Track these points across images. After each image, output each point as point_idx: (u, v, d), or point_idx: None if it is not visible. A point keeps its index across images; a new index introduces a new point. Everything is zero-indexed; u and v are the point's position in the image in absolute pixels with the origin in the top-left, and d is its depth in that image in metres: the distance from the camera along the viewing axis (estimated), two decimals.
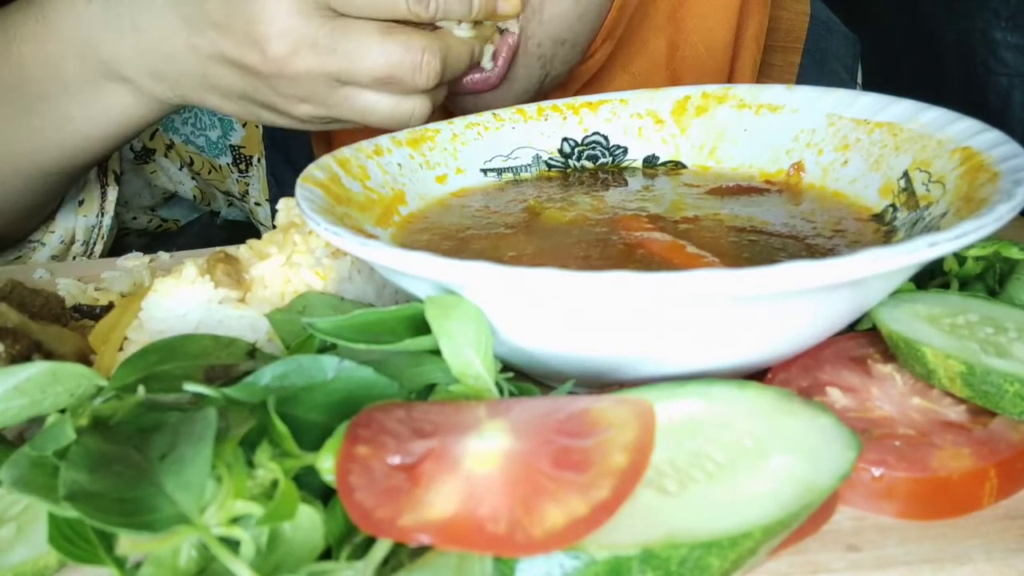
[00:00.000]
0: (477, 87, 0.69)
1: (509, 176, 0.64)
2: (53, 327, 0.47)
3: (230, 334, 0.45)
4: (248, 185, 0.97)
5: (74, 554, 0.32)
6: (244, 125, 0.93)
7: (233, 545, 0.31)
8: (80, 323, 0.55)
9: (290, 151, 0.92)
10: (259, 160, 0.95)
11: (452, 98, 0.73)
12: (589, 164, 0.65)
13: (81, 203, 0.86)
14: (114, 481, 0.32)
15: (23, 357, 0.42)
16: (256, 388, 0.36)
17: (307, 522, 0.32)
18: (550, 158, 0.65)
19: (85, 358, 0.48)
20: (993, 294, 0.48)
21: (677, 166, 0.63)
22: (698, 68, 0.87)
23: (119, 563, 0.32)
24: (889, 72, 1.44)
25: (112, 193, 0.87)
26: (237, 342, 0.43)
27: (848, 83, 0.98)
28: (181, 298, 0.47)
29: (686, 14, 0.86)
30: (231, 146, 0.94)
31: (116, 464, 0.33)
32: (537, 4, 0.69)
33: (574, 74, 0.82)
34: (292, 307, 0.47)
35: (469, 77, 0.68)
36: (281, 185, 0.93)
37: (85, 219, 0.86)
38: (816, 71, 0.94)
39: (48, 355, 0.45)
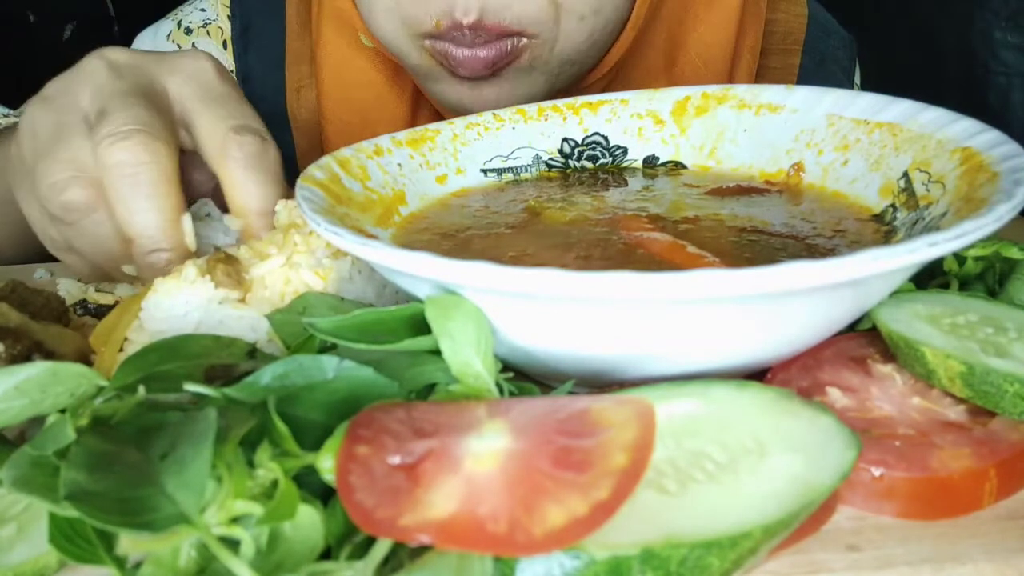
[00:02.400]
0: None
1: (509, 176, 0.64)
2: (54, 327, 0.47)
3: (230, 334, 0.45)
4: None
5: (74, 554, 0.32)
6: None
7: (233, 545, 0.31)
8: (82, 320, 0.55)
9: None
10: None
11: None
12: (589, 164, 0.65)
13: None
14: (114, 481, 0.32)
15: (23, 357, 0.42)
16: (256, 388, 0.36)
17: (307, 522, 0.32)
18: (550, 158, 0.65)
19: (86, 358, 0.48)
20: (993, 294, 0.48)
21: (677, 166, 0.64)
22: (696, 80, 0.88)
23: (119, 563, 0.32)
24: (889, 72, 1.44)
25: None
26: (237, 342, 0.43)
27: (845, 85, 0.98)
28: (181, 298, 0.47)
29: (686, 33, 0.87)
30: None
31: (116, 464, 0.33)
32: (550, 38, 0.72)
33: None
34: (292, 307, 0.47)
35: None
36: None
37: None
38: (814, 73, 0.94)
39: (48, 355, 0.45)
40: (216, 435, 0.32)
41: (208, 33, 0.92)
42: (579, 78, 0.81)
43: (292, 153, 0.91)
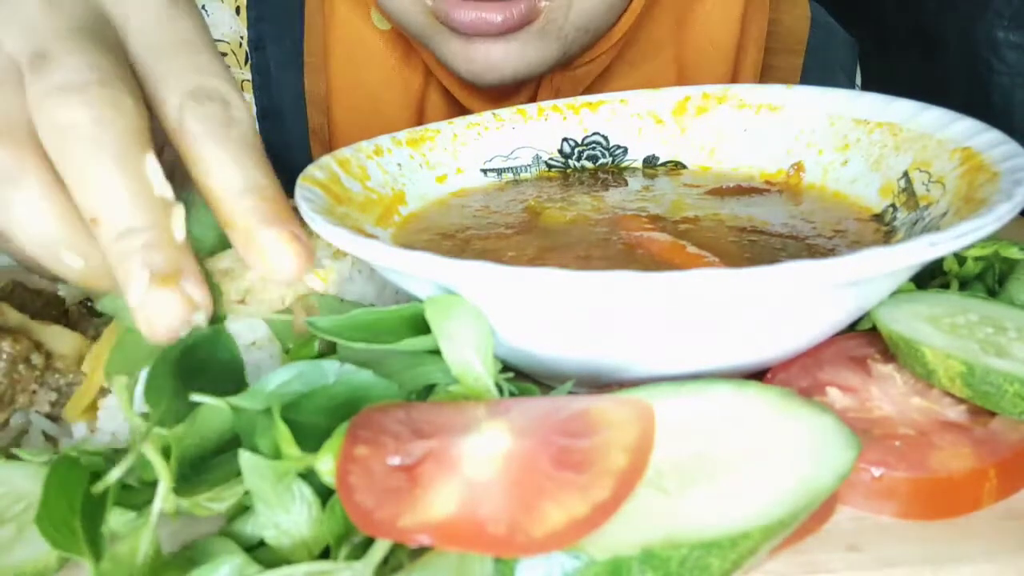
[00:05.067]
0: None
1: (509, 176, 0.64)
2: (54, 327, 0.47)
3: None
4: None
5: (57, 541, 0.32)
6: None
7: None
8: (83, 318, 0.55)
9: (287, 161, 0.92)
10: None
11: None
12: (589, 164, 0.65)
13: None
14: None
15: (23, 357, 0.42)
16: (262, 395, 0.36)
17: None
18: (550, 158, 0.65)
19: (84, 357, 0.48)
20: (993, 294, 0.48)
21: (677, 166, 0.63)
22: (706, 67, 0.88)
23: (95, 556, 0.32)
24: (890, 72, 1.44)
25: None
26: None
27: (847, 86, 0.99)
28: None
29: (693, 16, 0.87)
30: None
31: None
32: (565, 2, 0.71)
33: (579, 75, 0.83)
34: (291, 310, 0.47)
35: None
36: None
37: None
38: (817, 74, 0.95)
39: (48, 355, 0.45)
40: None
41: None
42: (589, 47, 0.80)
43: (306, 127, 0.90)
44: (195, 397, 0.35)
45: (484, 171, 0.63)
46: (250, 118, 0.43)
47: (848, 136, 0.55)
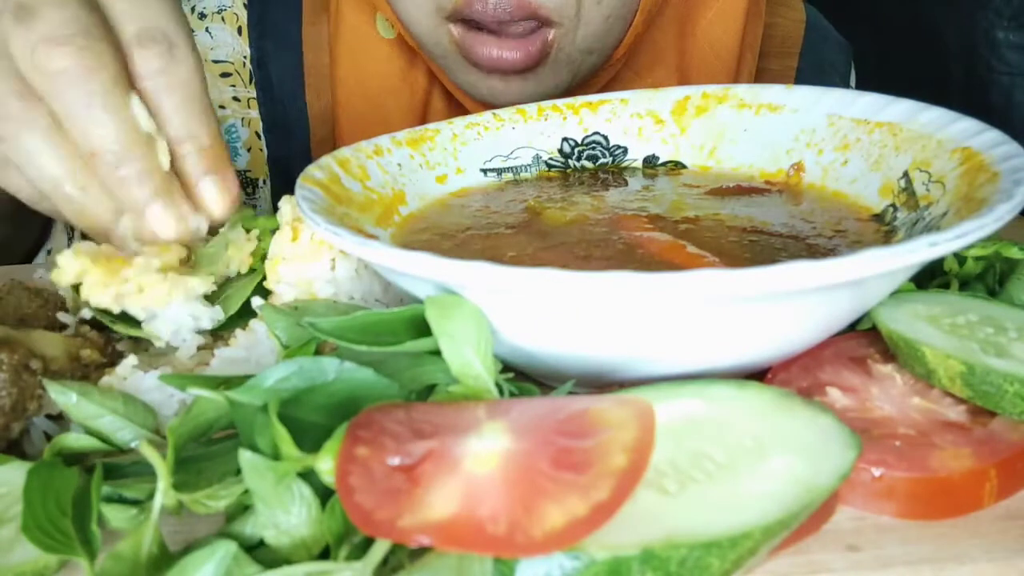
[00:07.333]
0: None
1: (509, 176, 0.64)
2: (36, 332, 0.46)
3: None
4: (255, 208, 0.98)
5: (48, 545, 0.32)
6: (248, 149, 0.94)
7: None
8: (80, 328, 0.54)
9: (292, 173, 0.93)
10: (265, 182, 0.95)
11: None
12: (589, 164, 0.65)
13: (49, 251, 0.89)
14: None
15: (23, 365, 0.42)
16: (260, 390, 0.36)
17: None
18: (550, 158, 0.65)
19: (76, 359, 0.47)
20: (993, 294, 0.48)
21: (677, 166, 0.63)
22: (707, 73, 0.89)
23: (90, 555, 0.32)
24: (889, 72, 1.44)
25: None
26: None
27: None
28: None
29: (696, 28, 0.88)
30: (236, 171, 0.95)
31: None
32: (572, 24, 0.74)
33: (585, 87, 0.84)
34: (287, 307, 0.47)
35: None
36: None
37: None
38: (811, 76, 0.96)
39: (43, 359, 0.44)
40: None
41: (223, 19, 0.92)
42: (597, 68, 0.82)
43: (308, 140, 0.91)
44: (191, 389, 0.35)
45: (484, 171, 0.63)
46: (192, 59, 0.48)
47: (848, 136, 0.55)
